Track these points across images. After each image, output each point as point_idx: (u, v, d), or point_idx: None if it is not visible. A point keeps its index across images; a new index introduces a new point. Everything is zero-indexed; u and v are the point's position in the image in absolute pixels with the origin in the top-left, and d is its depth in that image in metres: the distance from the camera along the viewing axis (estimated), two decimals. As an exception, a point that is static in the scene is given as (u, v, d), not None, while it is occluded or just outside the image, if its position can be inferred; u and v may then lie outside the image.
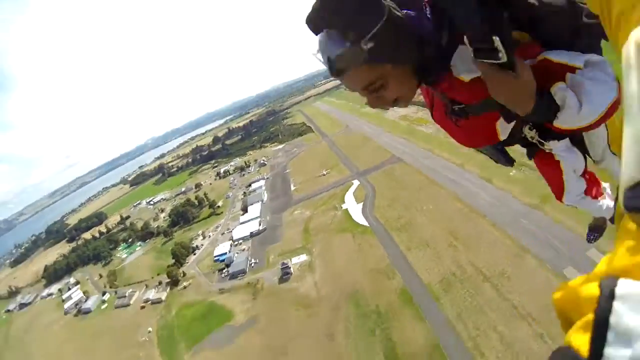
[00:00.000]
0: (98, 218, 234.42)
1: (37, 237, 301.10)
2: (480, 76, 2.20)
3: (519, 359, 39.23)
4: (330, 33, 2.26)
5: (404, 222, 73.32)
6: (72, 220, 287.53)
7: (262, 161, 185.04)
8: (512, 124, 2.53)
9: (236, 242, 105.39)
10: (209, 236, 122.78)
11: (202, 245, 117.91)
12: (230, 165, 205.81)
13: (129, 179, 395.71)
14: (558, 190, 3.10)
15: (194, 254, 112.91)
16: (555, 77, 2.15)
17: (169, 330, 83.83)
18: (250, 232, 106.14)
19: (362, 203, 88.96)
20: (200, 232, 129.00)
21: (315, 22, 2.28)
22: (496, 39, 1.88)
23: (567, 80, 2.13)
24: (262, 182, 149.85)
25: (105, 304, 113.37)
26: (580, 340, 0.89)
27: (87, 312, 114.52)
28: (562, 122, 2.21)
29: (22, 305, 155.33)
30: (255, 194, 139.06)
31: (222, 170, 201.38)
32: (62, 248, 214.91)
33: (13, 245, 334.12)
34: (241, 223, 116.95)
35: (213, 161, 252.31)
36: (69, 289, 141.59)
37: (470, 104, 2.45)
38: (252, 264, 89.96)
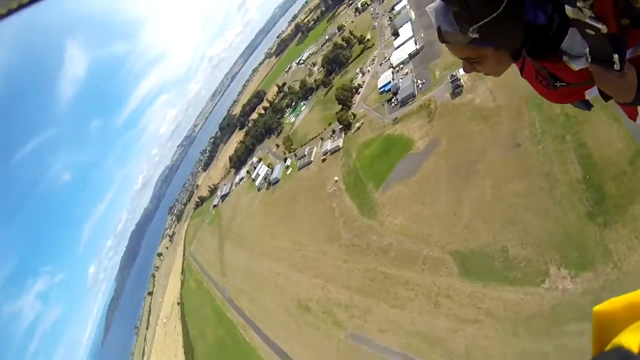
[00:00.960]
0: (258, 97, 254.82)
1: (215, 137, 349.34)
2: (588, 67, 2.49)
3: None
4: (445, 7, 2.49)
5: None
6: (237, 110, 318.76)
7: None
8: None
9: (397, 68, 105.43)
10: (368, 71, 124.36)
11: (363, 82, 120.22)
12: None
13: (272, 51, 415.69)
14: (631, 117, 3.26)
15: (358, 93, 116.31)
16: None
17: (354, 175, 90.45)
18: (409, 54, 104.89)
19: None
20: (357, 70, 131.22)
21: None
22: (615, 56, 2.21)
23: None
24: (404, 1, 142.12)
25: (290, 169, 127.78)
26: (633, 339, 0.92)
27: (276, 182, 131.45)
28: None
29: (223, 197, 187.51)
30: (402, 15, 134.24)
31: (359, 5, 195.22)
32: (238, 136, 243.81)
33: (199, 153, 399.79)
34: (396, 48, 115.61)
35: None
36: (255, 167, 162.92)
37: (572, 83, 2.89)
38: (419, 85, 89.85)
